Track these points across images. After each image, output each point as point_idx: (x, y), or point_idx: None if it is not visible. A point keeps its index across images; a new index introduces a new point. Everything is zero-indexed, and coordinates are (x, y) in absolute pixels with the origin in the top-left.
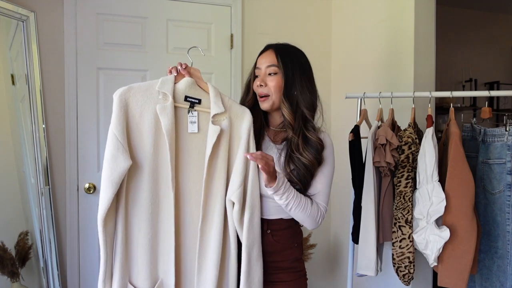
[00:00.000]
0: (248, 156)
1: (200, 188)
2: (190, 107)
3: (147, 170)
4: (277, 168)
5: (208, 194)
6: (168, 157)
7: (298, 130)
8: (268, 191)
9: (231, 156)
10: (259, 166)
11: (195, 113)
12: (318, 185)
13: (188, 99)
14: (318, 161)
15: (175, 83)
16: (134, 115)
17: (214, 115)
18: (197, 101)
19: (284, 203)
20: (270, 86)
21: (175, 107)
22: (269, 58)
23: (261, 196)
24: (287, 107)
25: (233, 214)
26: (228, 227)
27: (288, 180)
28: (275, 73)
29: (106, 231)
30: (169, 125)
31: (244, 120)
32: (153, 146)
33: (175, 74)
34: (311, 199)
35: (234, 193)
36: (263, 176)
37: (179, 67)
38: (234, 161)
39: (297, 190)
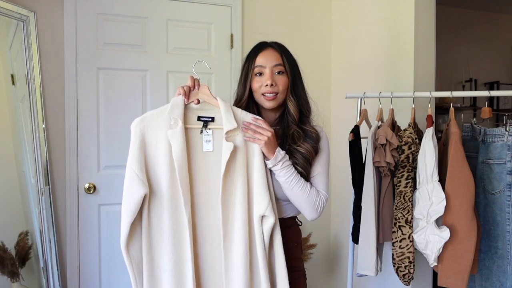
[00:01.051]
0: (242, 127)
1: (219, 208)
2: (203, 126)
3: (166, 197)
4: None
5: (226, 212)
6: (179, 182)
7: (298, 124)
8: (268, 164)
9: (250, 170)
10: (249, 137)
11: (210, 132)
12: (316, 170)
13: (201, 119)
14: (315, 150)
15: (186, 104)
16: (151, 143)
17: (227, 132)
18: (210, 119)
19: (284, 179)
20: (279, 85)
21: (188, 129)
22: (274, 57)
23: None
24: (294, 103)
25: (265, 229)
26: (253, 244)
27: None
28: (282, 72)
29: (131, 256)
30: (179, 151)
31: None
32: (169, 172)
33: (185, 98)
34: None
35: (267, 208)
36: (263, 148)
37: (190, 85)
38: (253, 175)
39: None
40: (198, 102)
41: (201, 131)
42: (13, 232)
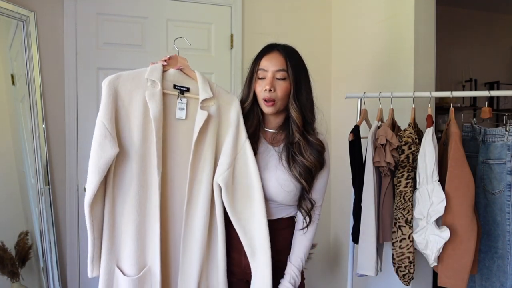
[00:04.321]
0: None
1: (187, 173)
2: (180, 93)
3: (135, 157)
4: (281, 170)
5: (193, 178)
6: (154, 142)
7: (303, 133)
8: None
9: (219, 142)
10: None
11: (184, 100)
12: (318, 187)
13: (176, 87)
14: (320, 163)
15: (163, 71)
16: (124, 102)
17: (203, 100)
18: (185, 89)
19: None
20: (278, 92)
21: (164, 94)
22: (278, 62)
23: None
24: (296, 110)
25: (222, 197)
26: (215, 210)
27: (296, 181)
28: (284, 79)
29: (93, 216)
30: (157, 112)
31: (232, 107)
32: (141, 133)
33: (163, 62)
34: (309, 215)
35: (220, 175)
36: None
37: (163, 61)
38: (222, 147)
39: (302, 189)
40: (178, 69)
41: (178, 97)
42: (13, 232)
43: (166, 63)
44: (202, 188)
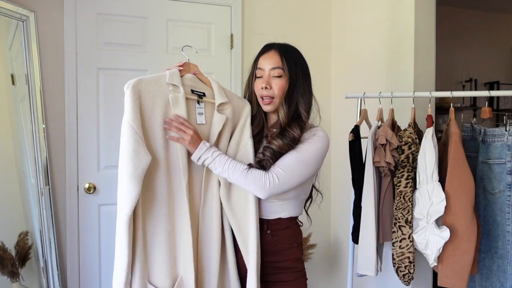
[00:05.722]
0: (164, 125)
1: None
2: (199, 98)
3: (162, 164)
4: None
5: (208, 180)
6: (178, 148)
7: (284, 128)
8: (193, 158)
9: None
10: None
11: (202, 105)
12: (285, 157)
13: (194, 92)
14: (289, 146)
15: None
16: (147, 107)
17: (220, 104)
18: (202, 93)
19: (221, 170)
20: (275, 89)
21: (186, 99)
22: (273, 60)
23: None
24: (284, 110)
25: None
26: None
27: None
28: (280, 76)
29: (130, 231)
30: (183, 115)
31: (244, 111)
32: (165, 139)
33: (180, 69)
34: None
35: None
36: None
37: (179, 67)
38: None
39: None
40: (193, 73)
41: (198, 102)
42: (13, 232)
43: (182, 68)
44: (215, 191)
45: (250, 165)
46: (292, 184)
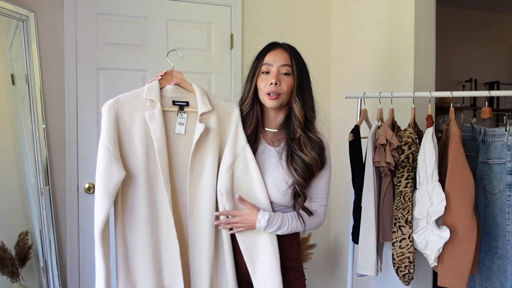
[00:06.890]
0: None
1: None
2: (180, 109)
3: (142, 179)
4: (279, 172)
5: (192, 191)
6: (158, 162)
7: (304, 129)
8: (259, 229)
9: (222, 153)
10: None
11: (185, 115)
12: (321, 187)
13: (176, 103)
14: (320, 160)
15: (160, 88)
16: (125, 125)
17: (202, 114)
18: (185, 103)
19: (285, 230)
20: (283, 86)
21: (164, 112)
22: (283, 57)
23: None
24: (299, 105)
25: (223, 203)
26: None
27: (293, 183)
28: (288, 74)
29: (104, 245)
30: (158, 132)
31: (232, 116)
32: (146, 154)
33: (159, 78)
34: (307, 211)
35: (219, 183)
36: None
37: (159, 77)
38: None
39: (296, 192)
40: (175, 84)
41: (178, 113)
42: (13, 232)
43: (161, 77)
44: (204, 200)
45: (295, 207)
46: None
